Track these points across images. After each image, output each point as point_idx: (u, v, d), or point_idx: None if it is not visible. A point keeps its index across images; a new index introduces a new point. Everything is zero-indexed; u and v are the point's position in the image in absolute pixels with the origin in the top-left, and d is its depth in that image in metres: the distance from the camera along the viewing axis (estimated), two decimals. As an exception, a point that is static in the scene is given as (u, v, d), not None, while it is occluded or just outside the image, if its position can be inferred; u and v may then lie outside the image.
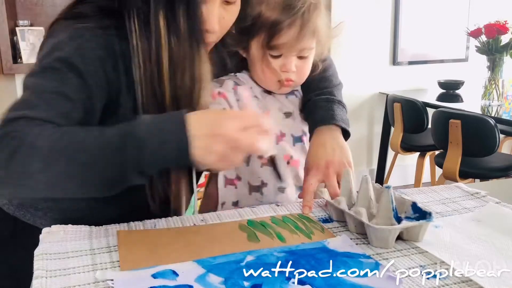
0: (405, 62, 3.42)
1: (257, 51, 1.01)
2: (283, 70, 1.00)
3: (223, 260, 0.71)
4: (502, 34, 2.70)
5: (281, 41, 0.97)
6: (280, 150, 1.04)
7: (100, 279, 0.65)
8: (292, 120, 1.08)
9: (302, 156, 1.05)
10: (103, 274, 0.66)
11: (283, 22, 0.96)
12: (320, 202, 0.96)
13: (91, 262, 0.70)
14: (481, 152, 2.45)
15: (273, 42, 0.97)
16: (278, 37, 0.97)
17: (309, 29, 0.98)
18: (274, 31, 0.96)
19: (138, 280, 0.65)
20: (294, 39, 0.97)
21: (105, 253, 0.73)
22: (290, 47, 0.98)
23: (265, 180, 1.06)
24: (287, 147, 1.06)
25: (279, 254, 0.73)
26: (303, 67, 1.03)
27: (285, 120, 1.08)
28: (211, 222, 0.87)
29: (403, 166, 3.44)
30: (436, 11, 3.43)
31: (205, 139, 0.67)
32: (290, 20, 0.96)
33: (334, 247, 0.76)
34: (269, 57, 1.00)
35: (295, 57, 1.00)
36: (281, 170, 1.05)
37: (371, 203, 0.84)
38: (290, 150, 1.06)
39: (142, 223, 0.84)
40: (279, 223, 0.85)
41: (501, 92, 2.76)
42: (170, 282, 0.65)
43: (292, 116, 1.08)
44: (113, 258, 0.71)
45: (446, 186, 1.05)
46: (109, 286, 0.64)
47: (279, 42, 0.97)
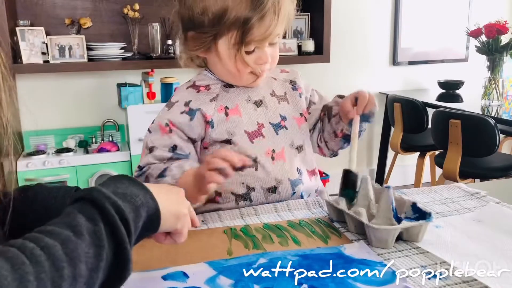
0: (405, 62, 3.42)
1: (227, 50, 0.94)
2: (259, 63, 0.96)
3: (235, 262, 0.71)
4: (502, 34, 2.70)
5: (255, 37, 0.92)
6: (258, 148, 0.99)
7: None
8: (265, 108, 1.03)
9: (288, 143, 1.02)
10: None
11: (255, 17, 0.90)
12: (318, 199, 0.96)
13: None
14: (481, 152, 2.45)
15: (247, 39, 0.92)
16: (251, 33, 0.91)
17: (281, 17, 0.94)
18: (247, 28, 0.91)
19: (148, 281, 0.65)
20: (269, 31, 0.93)
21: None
22: (264, 40, 0.94)
23: (250, 185, 0.99)
24: (265, 142, 1.00)
25: (292, 258, 0.72)
26: (275, 52, 0.99)
27: (257, 109, 1.02)
28: (211, 222, 0.87)
29: (403, 166, 3.43)
30: (436, 11, 3.43)
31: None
32: (262, 13, 0.90)
33: (350, 253, 0.74)
34: (243, 53, 0.94)
35: (267, 46, 0.96)
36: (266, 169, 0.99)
37: (371, 203, 0.84)
38: (271, 144, 1.01)
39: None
40: (296, 227, 0.84)
41: (501, 92, 2.76)
42: (180, 284, 0.65)
43: (263, 104, 1.03)
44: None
45: (446, 186, 1.05)
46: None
47: (252, 38, 0.92)
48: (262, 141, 1.00)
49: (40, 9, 2.57)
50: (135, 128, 2.48)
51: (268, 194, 1.00)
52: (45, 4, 2.58)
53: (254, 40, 0.93)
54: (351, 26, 3.21)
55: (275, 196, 1.00)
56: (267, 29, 0.92)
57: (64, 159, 2.43)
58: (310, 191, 1.06)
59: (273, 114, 1.03)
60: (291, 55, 2.86)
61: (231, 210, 0.93)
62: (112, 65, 2.59)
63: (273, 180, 1.00)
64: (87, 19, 2.61)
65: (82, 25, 2.60)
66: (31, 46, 2.44)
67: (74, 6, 2.63)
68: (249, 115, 1.01)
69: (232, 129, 0.98)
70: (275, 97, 1.05)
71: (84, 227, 0.53)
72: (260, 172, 0.99)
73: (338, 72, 3.16)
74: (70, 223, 0.53)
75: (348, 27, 3.19)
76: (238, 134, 0.98)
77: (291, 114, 1.05)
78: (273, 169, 1.00)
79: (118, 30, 2.69)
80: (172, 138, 0.96)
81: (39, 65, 2.45)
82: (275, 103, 1.05)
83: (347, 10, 3.16)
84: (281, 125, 1.03)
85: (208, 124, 0.98)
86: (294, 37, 2.96)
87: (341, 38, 3.10)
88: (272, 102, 1.04)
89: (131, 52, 2.65)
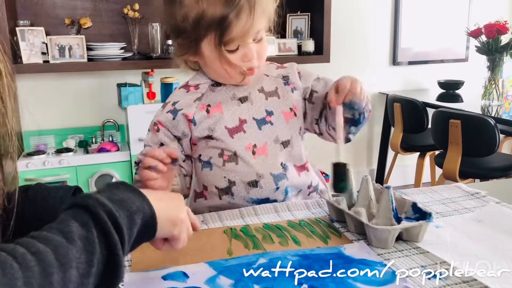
0: (405, 62, 3.42)
1: (211, 52, 0.96)
2: (245, 61, 0.96)
3: (235, 262, 0.71)
4: (502, 34, 2.70)
5: (234, 34, 0.92)
6: (237, 143, 1.00)
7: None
8: (250, 103, 1.04)
9: (272, 138, 1.02)
10: None
11: (230, 15, 0.90)
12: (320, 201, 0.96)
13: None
14: (481, 152, 2.45)
15: (226, 38, 0.92)
16: (229, 31, 0.91)
17: (259, 11, 0.92)
18: (224, 27, 0.91)
19: (148, 281, 0.65)
20: (247, 27, 0.92)
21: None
22: (245, 36, 0.93)
23: (232, 179, 1.02)
24: (246, 137, 1.01)
25: (292, 258, 0.72)
26: (261, 49, 0.98)
27: (241, 105, 1.03)
28: (211, 222, 0.87)
29: (403, 166, 3.44)
30: (436, 11, 3.43)
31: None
32: (237, 10, 0.90)
33: (350, 253, 0.74)
34: (226, 53, 0.94)
35: (252, 43, 0.96)
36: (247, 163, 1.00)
37: (371, 203, 0.84)
38: (252, 139, 1.01)
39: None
40: (296, 227, 0.84)
41: (501, 92, 2.76)
42: (180, 284, 0.65)
43: (248, 100, 1.04)
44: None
45: (446, 186, 1.05)
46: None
47: (232, 36, 0.92)
48: (242, 136, 1.01)
49: (40, 9, 2.57)
50: (135, 128, 2.48)
51: (249, 188, 1.01)
52: (45, 4, 2.58)
53: (235, 38, 0.93)
54: (351, 26, 3.21)
55: (257, 190, 1.01)
56: (245, 25, 0.92)
57: (64, 159, 2.43)
58: (300, 187, 1.06)
59: (258, 110, 1.04)
60: (291, 55, 2.86)
61: (231, 210, 0.93)
62: (112, 65, 2.59)
63: (254, 174, 1.01)
64: (87, 19, 2.61)
65: (82, 25, 2.60)
66: (31, 46, 2.44)
67: (74, 6, 2.63)
68: (232, 111, 1.02)
69: (213, 126, 1.01)
70: (263, 93, 1.05)
71: (76, 233, 0.53)
72: (240, 166, 1.01)
73: (338, 72, 3.11)
74: (62, 229, 0.53)
75: (348, 27, 3.19)
76: (218, 130, 1.01)
77: (279, 109, 1.05)
78: (254, 163, 1.01)
79: (118, 30, 2.69)
80: (159, 137, 1.03)
81: (39, 65, 2.45)
82: (262, 99, 1.05)
83: (347, 10, 3.16)
84: (266, 120, 1.03)
85: (191, 122, 1.02)
86: (294, 37, 2.96)
87: (341, 38, 3.10)
88: (259, 98, 1.05)
89: (131, 52, 2.65)
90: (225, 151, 1.01)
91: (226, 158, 1.01)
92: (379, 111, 3.32)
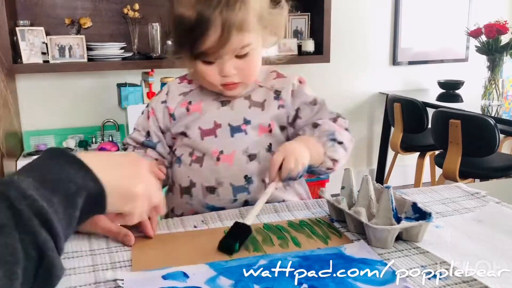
0: (405, 62, 3.42)
1: (188, 61, 0.93)
2: (221, 75, 0.93)
3: (235, 263, 0.70)
4: (502, 34, 2.70)
5: (205, 47, 0.87)
6: (206, 145, 0.99)
7: (111, 279, 0.65)
8: (230, 108, 1.00)
9: (242, 148, 0.98)
10: (114, 274, 0.66)
11: (197, 30, 0.84)
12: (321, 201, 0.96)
13: (91, 263, 0.70)
14: (481, 152, 2.45)
15: (196, 50, 0.88)
16: (199, 42, 0.86)
17: (232, 27, 0.86)
18: (194, 36, 0.86)
19: (148, 280, 0.65)
20: (217, 43, 0.86)
21: (105, 254, 0.73)
22: (217, 53, 0.89)
23: (194, 180, 0.99)
24: (215, 141, 0.99)
25: (292, 259, 0.72)
26: (246, 66, 0.93)
27: (220, 108, 1.00)
28: (211, 222, 0.87)
29: (403, 166, 3.44)
30: (436, 11, 3.43)
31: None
32: (205, 26, 0.85)
33: (350, 253, 0.74)
34: (202, 64, 0.92)
35: (232, 58, 0.91)
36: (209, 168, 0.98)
37: (371, 203, 0.84)
38: (220, 146, 0.98)
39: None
40: (296, 228, 0.84)
41: (501, 92, 2.76)
42: (180, 284, 0.65)
43: (230, 104, 1.01)
44: (113, 259, 0.71)
45: (446, 186, 1.05)
46: (112, 287, 0.64)
47: (203, 49, 0.88)
48: (212, 140, 0.99)
49: (40, 9, 2.57)
50: (135, 128, 2.47)
51: (206, 193, 0.98)
52: (45, 4, 2.58)
53: (208, 53, 0.89)
54: (351, 26, 3.21)
55: (213, 197, 0.98)
56: (214, 41, 0.87)
57: (64, 159, 2.42)
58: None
59: (236, 116, 1.00)
60: (291, 55, 2.86)
61: (231, 210, 0.93)
62: (112, 65, 2.59)
63: (213, 180, 0.98)
64: (87, 19, 2.61)
65: (82, 25, 2.60)
66: (31, 46, 2.44)
67: (74, 6, 2.63)
68: (210, 113, 1.01)
69: (189, 124, 1.02)
70: (248, 101, 1.02)
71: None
72: (204, 169, 0.99)
73: (338, 72, 3.16)
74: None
75: (348, 27, 3.19)
76: (192, 129, 1.01)
77: (258, 121, 1.00)
78: (216, 169, 0.98)
79: (118, 30, 2.69)
80: (149, 123, 1.05)
81: (39, 65, 2.45)
82: (244, 107, 1.01)
83: (347, 10, 3.16)
84: (241, 128, 0.99)
85: (171, 117, 1.03)
86: (294, 37, 2.96)
87: (341, 38, 3.10)
88: (242, 104, 1.01)
89: (131, 52, 2.65)
90: (195, 151, 1.01)
91: (194, 158, 1.00)
92: (379, 111, 3.32)
